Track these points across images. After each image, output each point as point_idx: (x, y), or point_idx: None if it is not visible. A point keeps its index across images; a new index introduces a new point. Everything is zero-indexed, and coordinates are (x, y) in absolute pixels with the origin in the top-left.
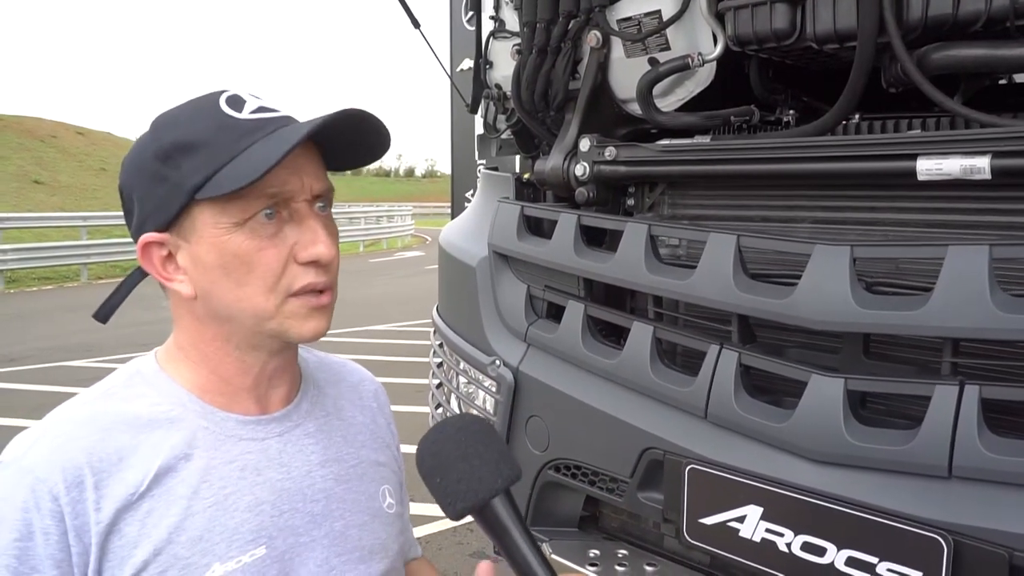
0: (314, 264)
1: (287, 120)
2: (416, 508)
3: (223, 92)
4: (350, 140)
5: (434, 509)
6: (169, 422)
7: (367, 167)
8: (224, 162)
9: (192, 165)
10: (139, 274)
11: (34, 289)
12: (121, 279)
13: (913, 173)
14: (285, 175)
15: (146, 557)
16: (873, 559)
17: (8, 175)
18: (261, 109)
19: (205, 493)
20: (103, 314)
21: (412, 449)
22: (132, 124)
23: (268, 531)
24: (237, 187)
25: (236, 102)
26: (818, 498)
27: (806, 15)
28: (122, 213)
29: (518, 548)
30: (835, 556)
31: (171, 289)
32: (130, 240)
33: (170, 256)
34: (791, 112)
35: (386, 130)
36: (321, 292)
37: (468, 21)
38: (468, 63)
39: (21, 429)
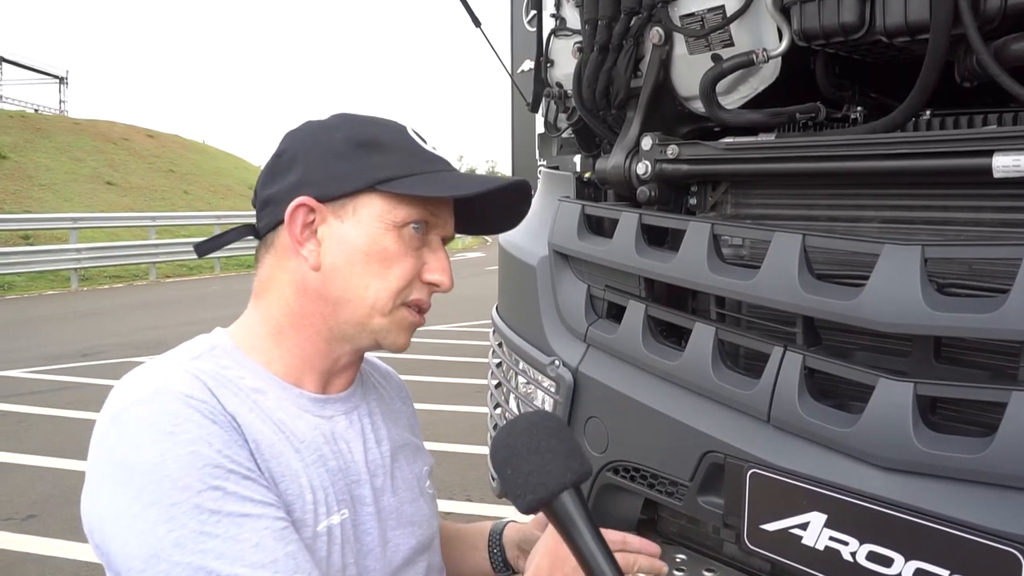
0: (432, 286)
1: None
2: (470, 508)
3: (404, 125)
4: (483, 210)
5: (486, 510)
6: (255, 391)
7: None
8: (417, 171)
9: (382, 161)
10: (238, 233)
11: (105, 287)
12: (187, 278)
13: (988, 170)
14: (444, 208)
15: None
16: (943, 572)
17: (83, 176)
18: (436, 149)
19: (304, 452)
20: (203, 249)
21: (472, 448)
22: (199, 127)
23: (347, 498)
24: (431, 195)
25: (419, 136)
26: (885, 506)
27: (875, 8)
28: (191, 212)
29: (585, 543)
30: (902, 567)
31: (293, 258)
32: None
33: (311, 224)
34: (859, 109)
35: (524, 212)
36: (421, 312)
37: (529, 22)
38: (529, 64)
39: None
